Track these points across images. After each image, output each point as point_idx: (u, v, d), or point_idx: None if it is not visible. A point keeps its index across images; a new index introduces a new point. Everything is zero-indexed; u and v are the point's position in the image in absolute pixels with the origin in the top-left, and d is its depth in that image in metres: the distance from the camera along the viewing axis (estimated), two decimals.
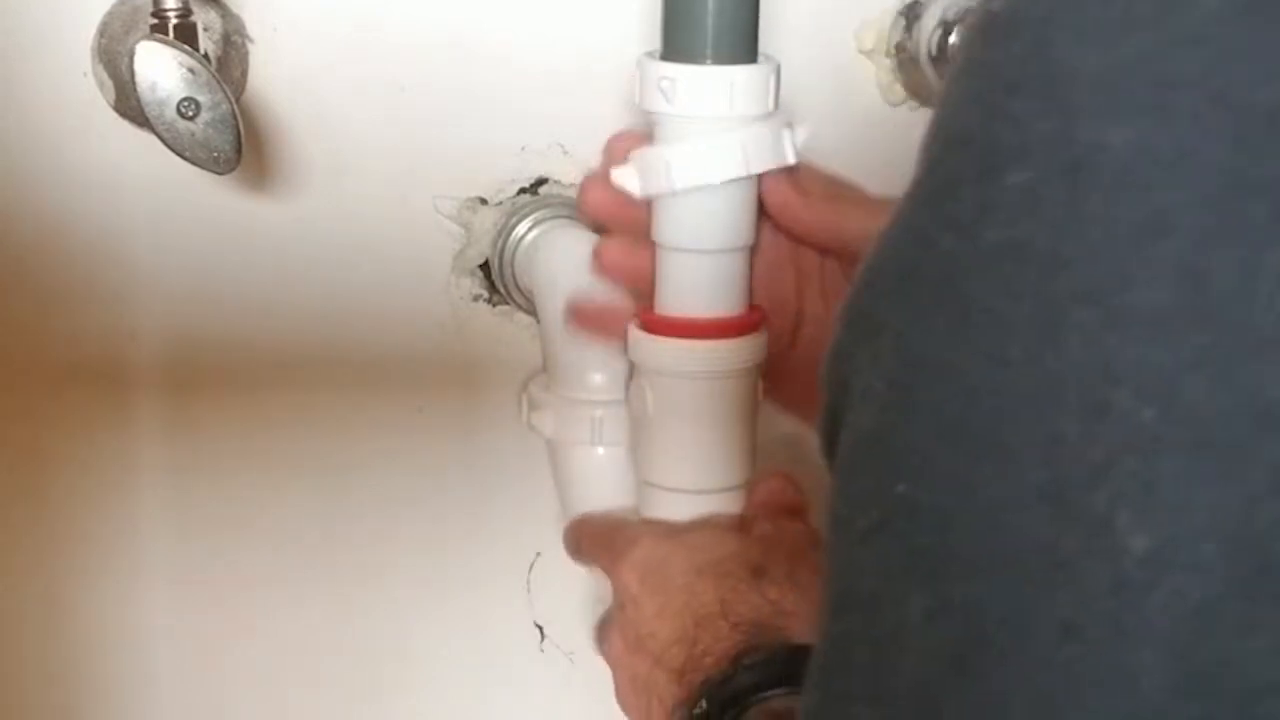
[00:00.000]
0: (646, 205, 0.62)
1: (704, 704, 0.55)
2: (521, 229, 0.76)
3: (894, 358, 0.33)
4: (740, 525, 0.64)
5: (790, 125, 0.61)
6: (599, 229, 0.76)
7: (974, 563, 0.31)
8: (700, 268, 0.62)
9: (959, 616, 0.31)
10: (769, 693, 0.54)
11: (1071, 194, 0.30)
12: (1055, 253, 0.30)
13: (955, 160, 0.32)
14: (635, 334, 0.64)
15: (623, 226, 0.65)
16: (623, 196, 0.62)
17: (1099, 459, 0.29)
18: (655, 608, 0.59)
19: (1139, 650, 0.29)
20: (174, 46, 0.62)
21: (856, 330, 0.35)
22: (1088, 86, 0.30)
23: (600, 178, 0.63)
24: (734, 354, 0.63)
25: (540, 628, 0.85)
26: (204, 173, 0.64)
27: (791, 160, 0.61)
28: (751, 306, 0.64)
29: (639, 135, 0.63)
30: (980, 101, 0.32)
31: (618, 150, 0.63)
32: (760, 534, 0.62)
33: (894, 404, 0.33)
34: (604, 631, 0.63)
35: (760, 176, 0.62)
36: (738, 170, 0.60)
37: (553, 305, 0.72)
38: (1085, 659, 0.29)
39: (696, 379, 0.62)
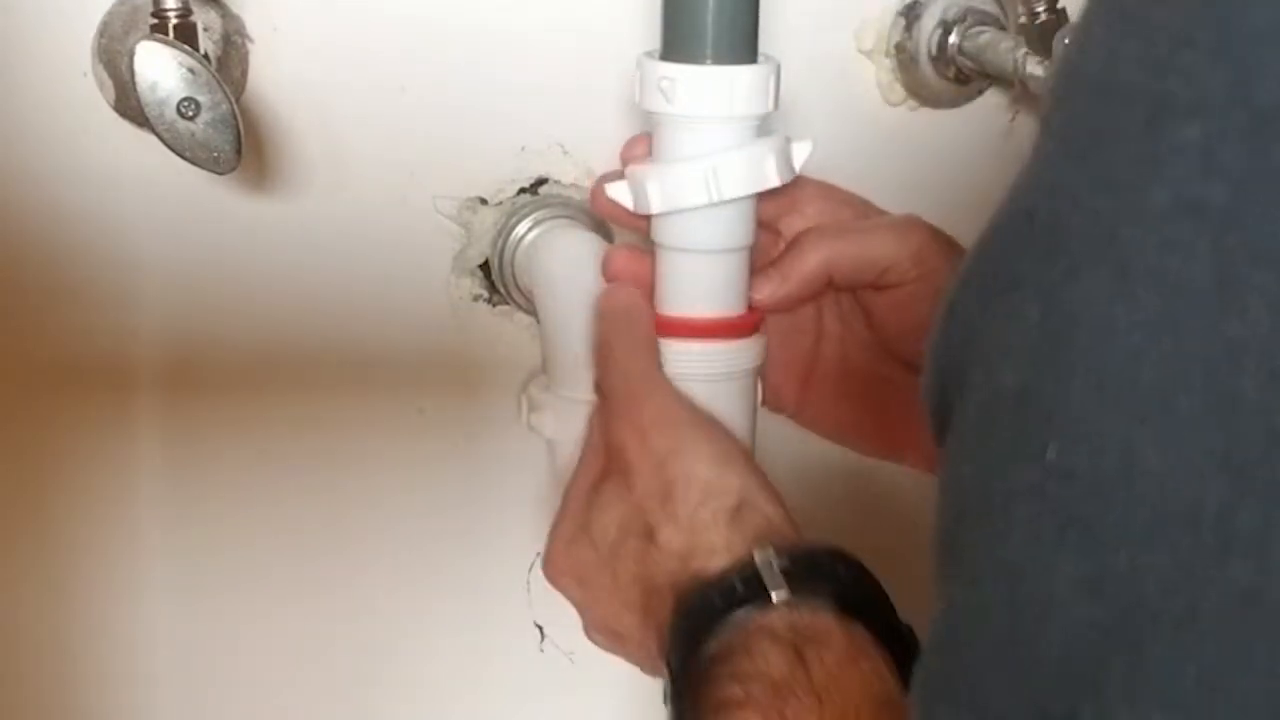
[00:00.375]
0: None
1: (666, 678, 0.55)
2: (521, 229, 0.76)
3: (1038, 314, 0.31)
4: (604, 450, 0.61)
5: (786, 143, 0.61)
6: (599, 228, 0.76)
7: (1136, 529, 0.30)
8: (697, 268, 0.62)
9: (1119, 584, 0.30)
10: (713, 628, 0.53)
11: (1251, 151, 0.28)
12: (1233, 212, 0.29)
13: (1108, 114, 0.31)
14: None
15: (631, 228, 0.65)
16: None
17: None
18: (608, 609, 0.59)
19: None
20: (174, 46, 0.62)
21: (984, 285, 0.33)
22: (1267, 40, 0.29)
23: (607, 179, 0.63)
24: (732, 356, 0.63)
25: (540, 628, 0.85)
26: (204, 173, 0.64)
27: (775, 182, 0.60)
28: (751, 308, 0.64)
29: (649, 141, 0.63)
30: (1142, 56, 0.30)
31: (629, 156, 0.63)
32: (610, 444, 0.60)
33: (1041, 364, 0.31)
34: (586, 632, 0.63)
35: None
36: (710, 197, 0.60)
37: (553, 305, 0.72)
38: (1264, 625, 0.29)
39: (694, 381, 0.62)
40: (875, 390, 0.66)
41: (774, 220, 0.64)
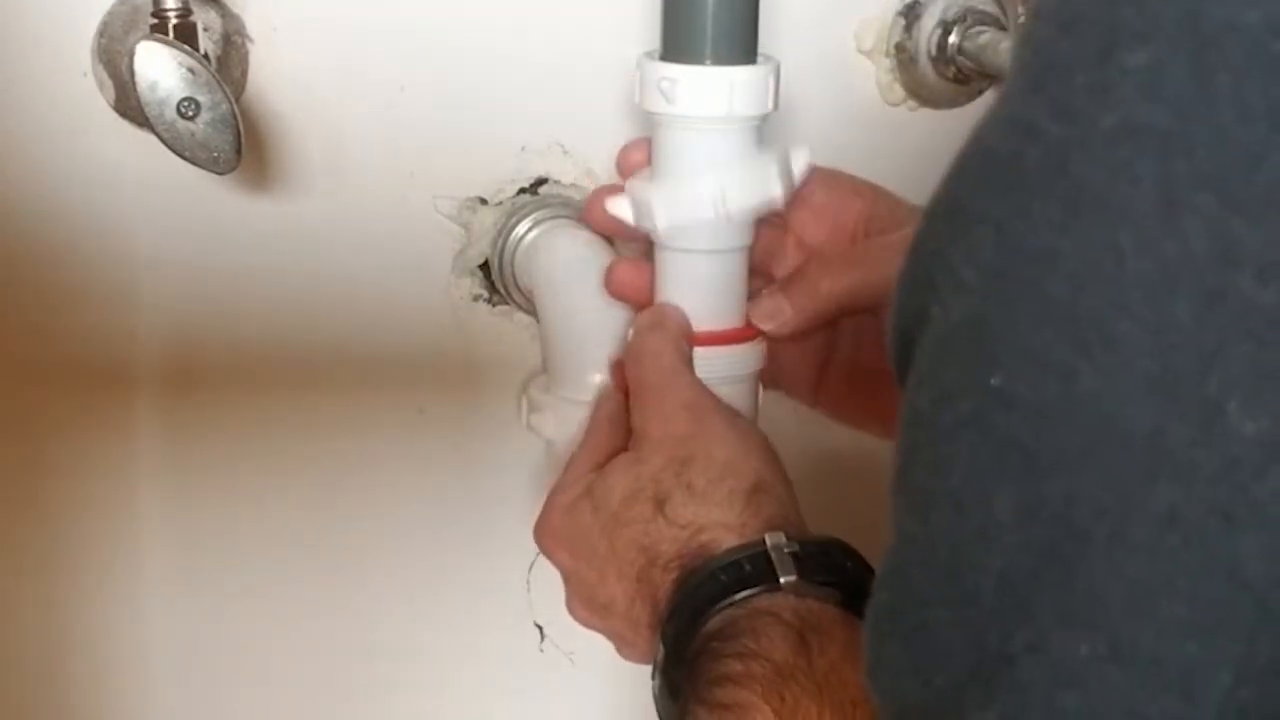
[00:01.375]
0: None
1: (661, 648, 0.55)
2: (521, 229, 0.76)
3: (992, 248, 0.32)
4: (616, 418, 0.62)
5: (785, 154, 0.61)
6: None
7: (1072, 454, 0.30)
8: (698, 268, 0.62)
9: (1053, 509, 0.30)
10: (719, 605, 0.53)
11: (1197, 75, 0.29)
12: (1177, 135, 0.29)
13: (1066, 45, 0.31)
14: None
15: (626, 240, 0.65)
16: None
17: (1211, 345, 0.28)
18: (596, 576, 0.59)
19: (1243, 537, 0.29)
20: (174, 46, 0.62)
21: (945, 224, 0.34)
22: None
23: (604, 195, 0.63)
24: (734, 360, 0.63)
25: (540, 628, 0.85)
26: (204, 173, 0.64)
27: (779, 194, 0.61)
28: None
29: (647, 146, 0.63)
30: None
31: (626, 165, 0.63)
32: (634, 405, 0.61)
33: (991, 295, 0.32)
34: (569, 604, 0.63)
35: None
36: (717, 215, 0.60)
37: (553, 305, 0.72)
38: (1187, 547, 0.29)
39: None
40: (890, 383, 0.66)
41: (783, 213, 0.64)
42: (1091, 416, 0.30)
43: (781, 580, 0.53)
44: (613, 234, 0.65)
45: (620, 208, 0.62)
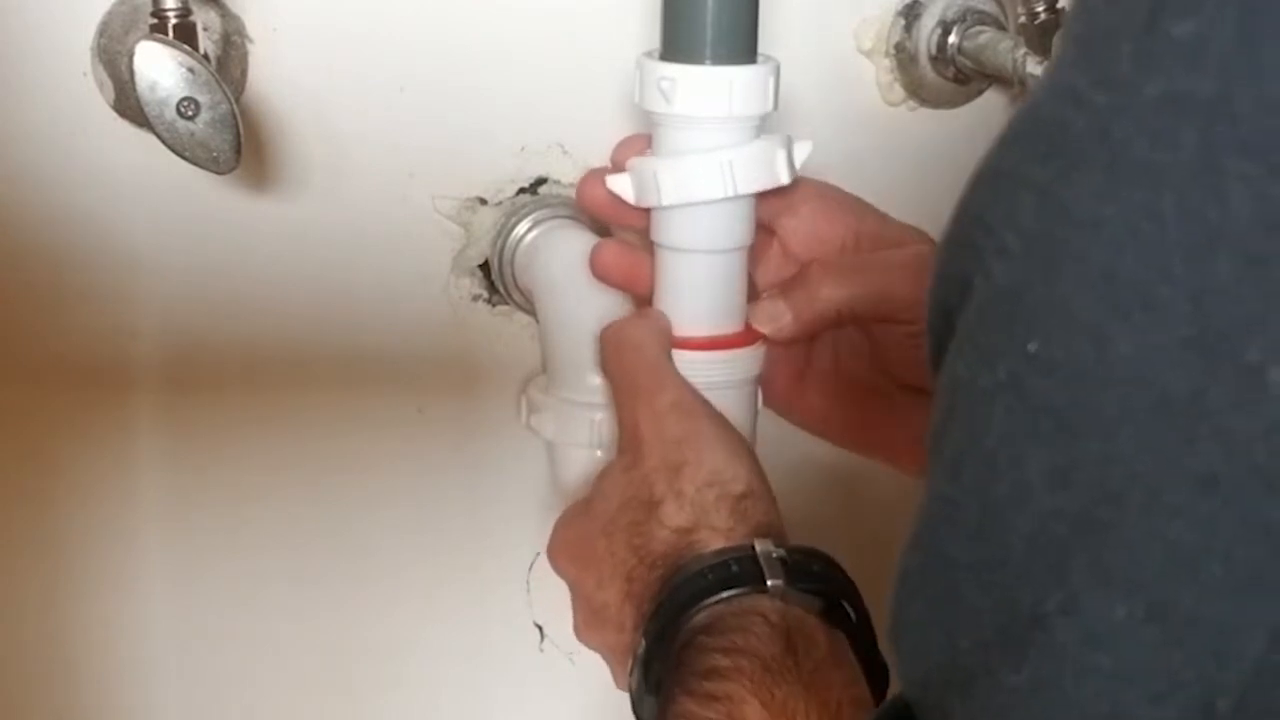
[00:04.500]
0: (643, 209, 0.62)
1: (643, 642, 0.55)
2: (521, 229, 0.76)
3: (1034, 214, 0.32)
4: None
5: (789, 142, 0.61)
6: (599, 228, 0.76)
7: (1109, 418, 0.30)
8: (697, 269, 0.62)
9: (1087, 472, 0.31)
10: (705, 602, 0.54)
11: (1242, 43, 0.29)
12: (1221, 103, 0.29)
13: (1112, 17, 0.31)
14: None
15: (619, 224, 0.65)
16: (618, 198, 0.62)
17: (1255, 311, 0.29)
18: (594, 582, 0.60)
19: None
20: (174, 46, 0.62)
21: (989, 190, 0.34)
22: None
23: (599, 175, 0.63)
24: (733, 365, 0.63)
25: (540, 628, 0.85)
26: (204, 173, 0.64)
27: (785, 180, 0.60)
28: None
29: (645, 140, 0.63)
30: None
31: (623, 156, 0.63)
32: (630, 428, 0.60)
33: (1032, 260, 0.32)
34: (574, 623, 0.63)
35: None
36: (725, 191, 0.59)
37: (553, 305, 0.72)
38: (1226, 509, 0.29)
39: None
40: (866, 397, 0.66)
41: (770, 220, 0.64)
42: (1128, 380, 0.30)
43: (769, 584, 0.54)
44: (606, 216, 0.65)
45: (621, 184, 0.62)
